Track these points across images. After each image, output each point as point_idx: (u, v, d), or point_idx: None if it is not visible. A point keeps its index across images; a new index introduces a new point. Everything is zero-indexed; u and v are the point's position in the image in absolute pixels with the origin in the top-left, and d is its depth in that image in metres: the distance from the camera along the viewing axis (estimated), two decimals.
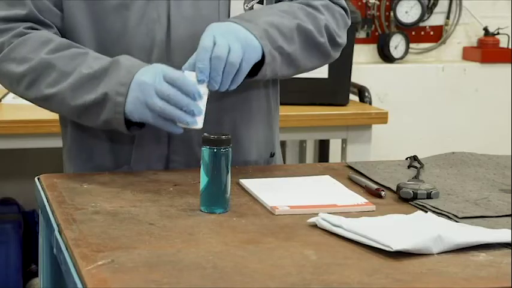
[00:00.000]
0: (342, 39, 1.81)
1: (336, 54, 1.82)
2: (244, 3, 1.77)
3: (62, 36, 1.75)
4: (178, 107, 1.57)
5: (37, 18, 1.73)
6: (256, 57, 1.65)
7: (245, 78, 1.65)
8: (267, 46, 1.66)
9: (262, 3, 1.79)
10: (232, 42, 1.60)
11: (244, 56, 1.61)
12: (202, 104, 1.59)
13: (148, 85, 1.58)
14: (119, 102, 1.60)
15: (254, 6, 1.78)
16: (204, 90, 1.60)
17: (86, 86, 1.64)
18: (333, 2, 1.82)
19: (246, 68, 1.62)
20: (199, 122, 1.59)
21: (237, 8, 1.76)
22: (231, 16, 1.74)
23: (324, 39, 1.77)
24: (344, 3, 1.85)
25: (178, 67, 1.66)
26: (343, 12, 1.84)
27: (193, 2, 1.73)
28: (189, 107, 1.57)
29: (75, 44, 1.71)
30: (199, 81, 1.59)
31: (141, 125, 1.65)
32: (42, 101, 1.71)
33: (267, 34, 1.67)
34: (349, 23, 1.85)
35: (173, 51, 1.72)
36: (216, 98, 1.69)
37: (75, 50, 1.68)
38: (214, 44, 1.59)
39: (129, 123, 1.64)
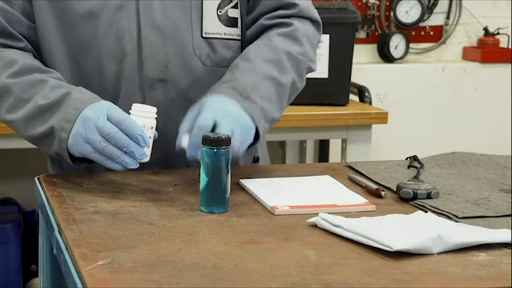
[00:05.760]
0: (316, 63, 1.82)
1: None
2: (217, 9, 1.75)
3: (34, 47, 1.74)
4: (118, 147, 1.55)
5: (6, 30, 1.72)
6: (251, 140, 1.64)
7: None
8: (262, 125, 1.65)
9: (237, 8, 1.77)
10: (234, 127, 1.58)
11: (242, 142, 1.59)
12: (150, 134, 1.57)
13: (90, 121, 1.56)
14: (62, 138, 1.59)
15: (228, 11, 1.76)
16: (152, 122, 1.57)
17: (38, 118, 1.63)
18: (306, 17, 1.81)
19: (241, 153, 1.61)
20: (148, 155, 1.57)
21: (209, 14, 1.74)
22: (203, 21, 1.73)
23: (303, 83, 1.79)
24: (317, 17, 1.83)
25: (151, 76, 1.68)
26: (316, 32, 1.83)
27: (164, 10, 1.71)
28: (129, 148, 1.54)
29: (40, 67, 1.70)
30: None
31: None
32: (4, 123, 1.71)
33: (263, 113, 1.66)
34: (321, 37, 1.85)
35: (145, 60, 1.71)
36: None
37: (36, 76, 1.67)
38: (215, 125, 1.57)
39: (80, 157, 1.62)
